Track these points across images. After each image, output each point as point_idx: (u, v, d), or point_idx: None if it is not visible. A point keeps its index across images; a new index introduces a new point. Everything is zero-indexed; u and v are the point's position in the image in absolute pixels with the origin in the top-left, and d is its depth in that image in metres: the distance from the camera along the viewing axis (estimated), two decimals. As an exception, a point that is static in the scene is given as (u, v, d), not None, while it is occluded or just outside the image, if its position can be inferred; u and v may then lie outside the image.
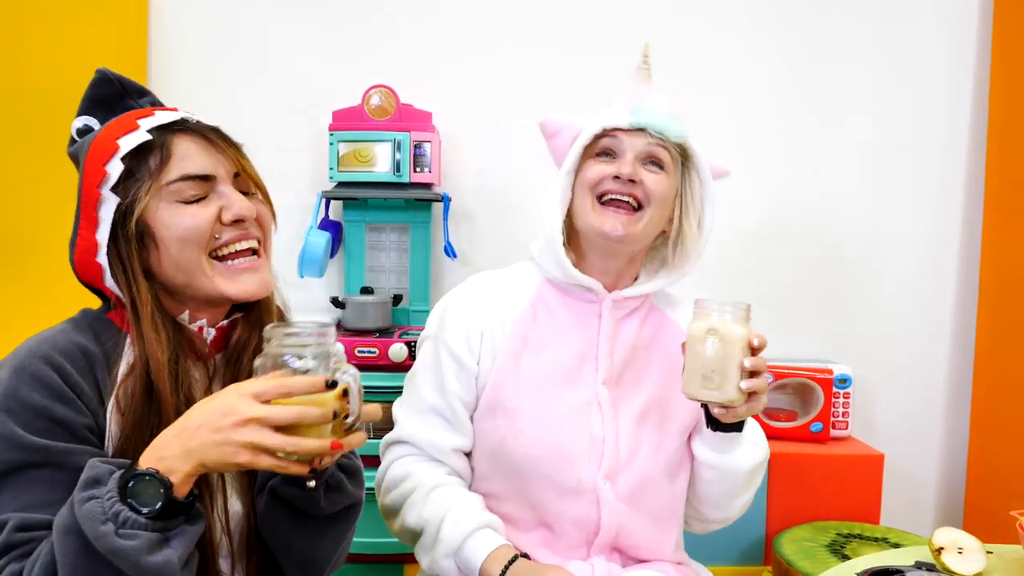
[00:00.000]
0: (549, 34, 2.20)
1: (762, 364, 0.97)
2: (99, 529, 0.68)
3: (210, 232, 0.86)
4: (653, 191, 1.10)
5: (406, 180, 2.03)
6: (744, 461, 1.11)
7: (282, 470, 0.73)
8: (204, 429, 0.72)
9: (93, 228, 0.86)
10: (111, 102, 0.94)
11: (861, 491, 1.91)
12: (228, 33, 2.21)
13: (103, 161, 0.86)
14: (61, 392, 0.79)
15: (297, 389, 0.73)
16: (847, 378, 2.03)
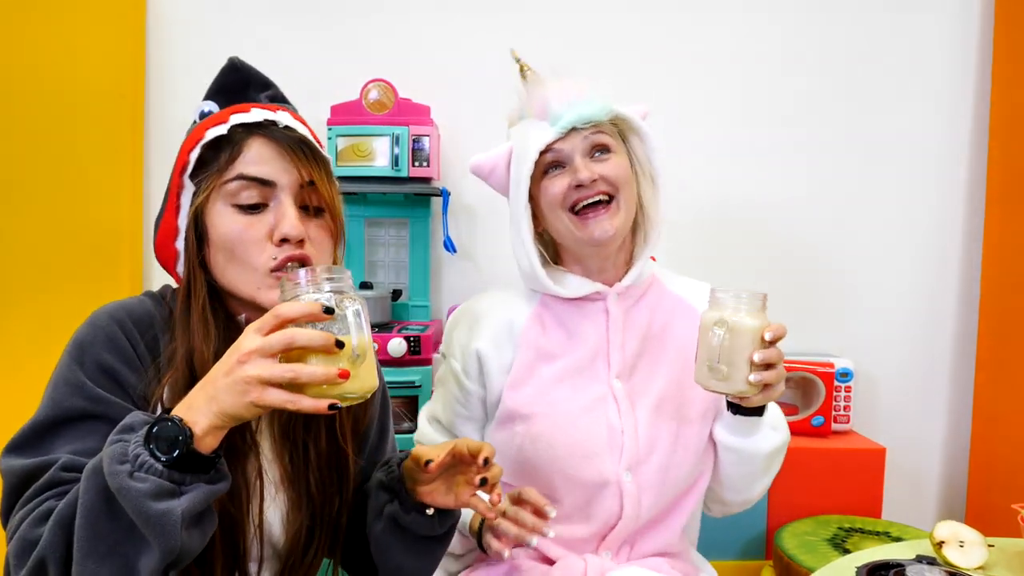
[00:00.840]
0: (549, 28, 2.19)
1: (774, 356, 0.95)
2: (114, 467, 0.68)
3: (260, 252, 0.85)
4: (615, 176, 1.12)
5: (405, 175, 2.01)
6: (763, 445, 1.12)
7: (293, 406, 0.69)
8: (219, 373, 0.71)
9: (175, 213, 0.89)
10: (234, 90, 0.94)
11: (863, 485, 1.91)
12: (225, 28, 2.19)
13: (189, 148, 0.88)
14: (129, 357, 0.83)
15: (291, 313, 0.70)
16: (848, 372, 2.02)
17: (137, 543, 0.69)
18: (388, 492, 0.96)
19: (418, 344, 1.91)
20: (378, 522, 0.96)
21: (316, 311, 0.70)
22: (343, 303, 0.72)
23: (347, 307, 0.72)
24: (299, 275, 0.73)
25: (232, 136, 0.86)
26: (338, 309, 0.71)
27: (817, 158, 2.22)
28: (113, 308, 0.86)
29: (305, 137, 0.90)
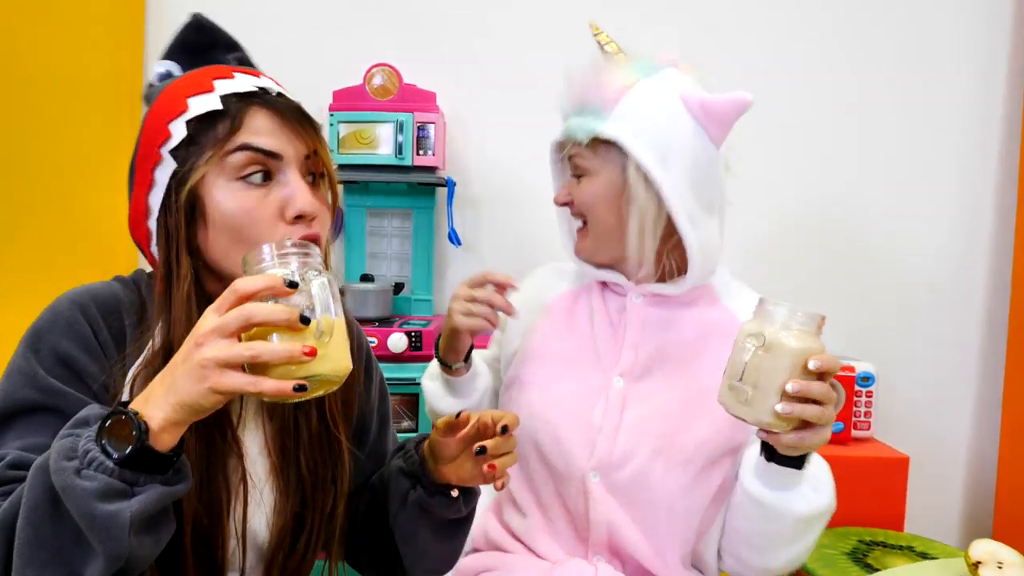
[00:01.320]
0: (560, 10, 2.11)
1: (817, 391, 0.79)
2: (61, 464, 0.62)
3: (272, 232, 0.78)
4: (582, 201, 1.08)
5: (408, 163, 1.94)
6: (797, 505, 0.94)
7: (254, 388, 0.62)
8: (178, 360, 0.64)
9: (146, 189, 0.80)
10: (198, 51, 0.88)
11: (884, 496, 1.82)
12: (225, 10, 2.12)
13: (168, 119, 0.79)
14: (89, 345, 0.77)
15: (250, 287, 0.63)
16: (870, 376, 1.92)
17: (84, 549, 0.63)
18: (409, 478, 0.91)
19: (419, 340, 1.83)
20: (402, 511, 0.92)
21: (277, 284, 0.63)
22: (307, 275, 0.66)
23: (311, 279, 0.66)
24: (263, 250, 0.67)
25: (226, 106, 0.78)
26: (302, 283, 0.65)
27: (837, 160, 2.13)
28: (76, 293, 0.80)
29: (300, 105, 0.83)
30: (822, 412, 0.80)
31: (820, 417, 0.80)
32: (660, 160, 1.01)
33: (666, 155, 1.01)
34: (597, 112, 1.04)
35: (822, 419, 0.81)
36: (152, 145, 0.79)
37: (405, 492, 0.91)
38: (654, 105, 1.03)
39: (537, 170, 2.14)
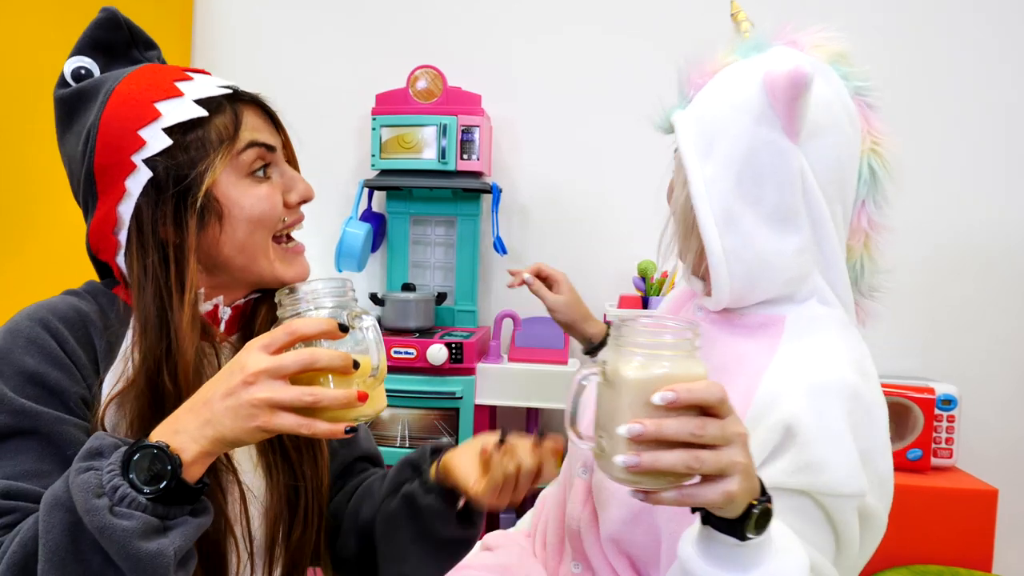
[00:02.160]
0: (614, 10, 2.01)
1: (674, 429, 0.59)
2: (91, 502, 0.60)
3: (279, 219, 0.82)
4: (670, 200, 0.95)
5: (452, 168, 1.87)
6: None
7: (308, 430, 0.63)
8: (217, 395, 0.63)
9: (116, 199, 0.77)
10: (115, 49, 0.85)
11: (969, 531, 1.65)
12: (269, 14, 2.11)
13: (137, 126, 0.76)
14: (56, 357, 0.73)
15: (306, 329, 0.65)
16: (952, 399, 1.76)
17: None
18: (412, 468, 0.88)
19: (460, 352, 1.75)
20: (392, 499, 0.88)
21: (332, 328, 0.65)
22: (361, 320, 0.69)
23: (365, 324, 0.69)
24: (300, 290, 0.70)
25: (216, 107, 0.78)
26: (353, 326, 0.68)
27: (940, 171, 1.96)
28: (31, 309, 0.76)
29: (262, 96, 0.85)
30: (692, 458, 0.58)
31: (692, 466, 0.59)
32: (704, 149, 0.85)
33: (712, 143, 0.85)
34: (683, 99, 0.91)
35: (699, 467, 0.59)
36: (120, 152, 0.76)
37: (402, 481, 0.88)
38: (730, 87, 0.86)
39: (587, 176, 2.07)
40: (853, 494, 0.74)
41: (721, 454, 0.59)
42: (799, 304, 0.87)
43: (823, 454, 0.73)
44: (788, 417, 0.74)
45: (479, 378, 1.77)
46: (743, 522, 0.62)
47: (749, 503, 0.62)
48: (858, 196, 0.88)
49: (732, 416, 0.61)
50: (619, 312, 1.82)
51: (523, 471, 0.77)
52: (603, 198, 2.06)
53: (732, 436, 0.60)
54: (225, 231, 0.78)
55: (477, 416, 1.77)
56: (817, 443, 0.74)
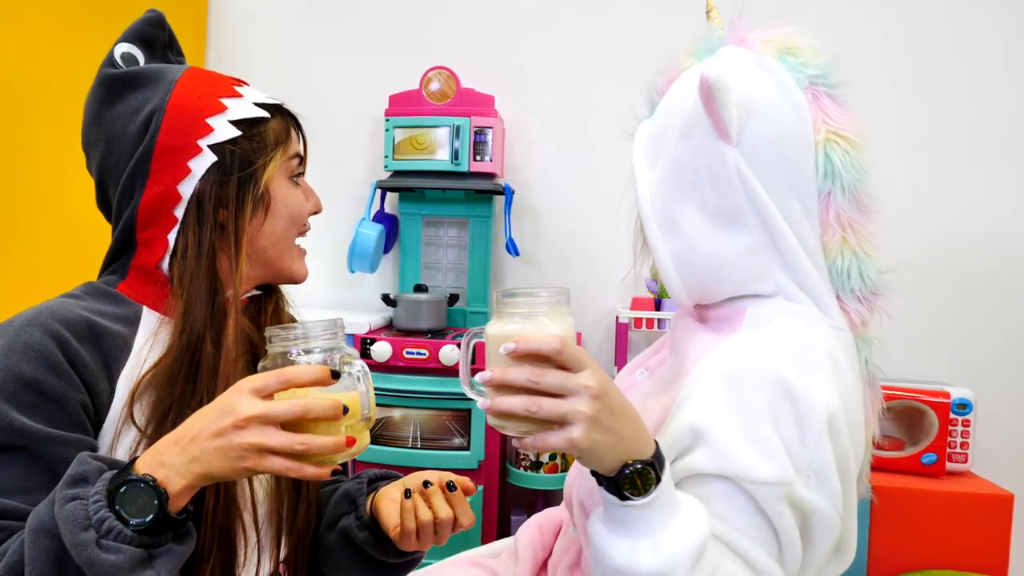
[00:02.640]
0: (623, 10, 2.01)
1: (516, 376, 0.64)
2: (78, 536, 0.61)
3: (306, 219, 0.92)
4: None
5: (465, 169, 1.87)
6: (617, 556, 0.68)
7: (296, 473, 0.65)
8: (205, 434, 0.64)
9: (179, 179, 0.82)
10: (155, 47, 0.92)
11: (985, 537, 1.63)
12: (283, 15, 2.12)
13: (206, 115, 0.83)
14: (55, 363, 0.72)
15: (299, 378, 0.66)
16: (967, 403, 1.74)
17: None
18: (349, 502, 0.91)
19: (474, 353, 1.75)
20: (330, 532, 0.92)
21: (325, 376, 0.66)
22: (351, 365, 0.70)
23: (355, 369, 0.70)
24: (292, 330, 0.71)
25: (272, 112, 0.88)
26: (343, 371, 0.69)
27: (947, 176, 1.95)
28: (30, 314, 0.75)
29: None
30: (529, 402, 0.64)
31: (530, 408, 0.64)
32: (652, 156, 0.89)
33: (659, 151, 0.87)
34: (651, 108, 0.94)
35: (536, 411, 0.64)
36: (188, 136, 0.82)
37: (340, 515, 0.91)
38: (677, 92, 0.88)
39: (600, 178, 2.07)
40: (771, 481, 0.72)
41: (562, 403, 0.64)
42: (764, 299, 0.86)
43: (735, 440, 0.73)
44: (692, 415, 0.75)
45: (491, 379, 1.77)
46: (618, 481, 0.66)
47: (624, 462, 0.66)
48: (821, 189, 0.84)
49: (586, 371, 0.65)
50: (631, 314, 1.81)
51: (439, 521, 0.82)
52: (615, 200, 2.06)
53: (576, 387, 0.64)
54: (268, 222, 0.86)
55: (489, 417, 1.77)
56: (728, 429, 0.74)
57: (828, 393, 0.76)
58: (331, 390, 0.67)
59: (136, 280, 0.83)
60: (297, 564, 0.91)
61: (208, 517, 0.78)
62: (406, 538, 0.83)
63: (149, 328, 0.80)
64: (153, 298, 0.82)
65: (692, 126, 0.83)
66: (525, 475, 1.85)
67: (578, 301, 2.00)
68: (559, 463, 1.86)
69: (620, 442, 0.66)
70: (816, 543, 0.76)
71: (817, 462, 0.75)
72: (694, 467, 0.74)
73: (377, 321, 1.90)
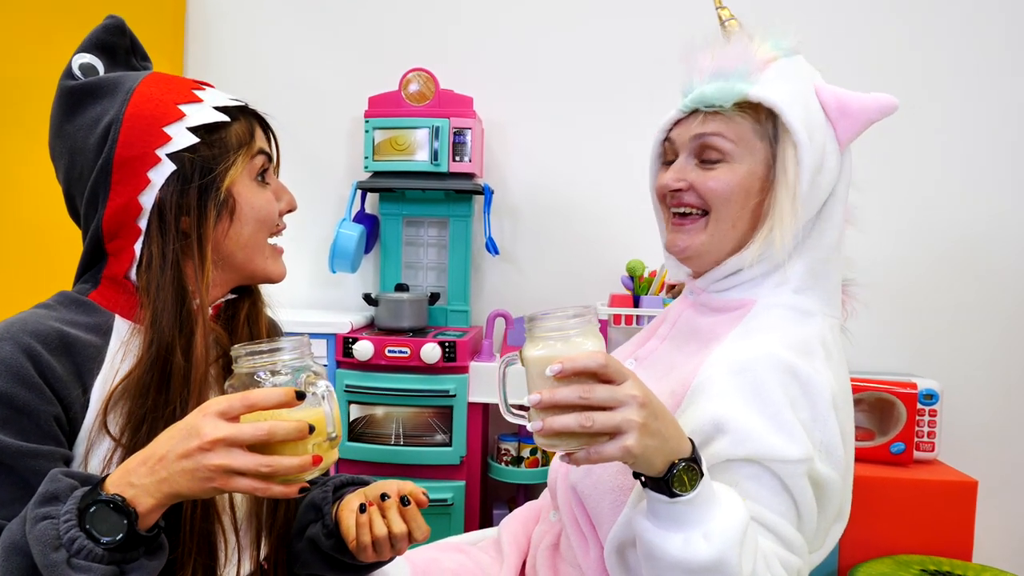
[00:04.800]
0: (602, 13, 2.04)
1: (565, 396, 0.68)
2: (50, 556, 0.62)
3: (276, 219, 0.90)
4: (710, 190, 0.92)
5: (445, 170, 1.90)
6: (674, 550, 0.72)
7: (264, 492, 0.66)
8: (172, 455, 0.65)
9: (138, 189, 0.81)
10: (117, 54, 0.91)
11: (950, 522, 1.68)
12: (262, 15, 2.12)
13: (163, 123, 0.82)
14: (26, 377, 0.73)
15: (264, 402, 0.66)
16: (934, 393, 1.80)
17: None
18: (315, 510, 0.91)
19: (453, 350, 1.78)
20: (299, 540, 0.93)
21: (290, 398, 0.67)
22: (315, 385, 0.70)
23: (319, 389, 0.70)
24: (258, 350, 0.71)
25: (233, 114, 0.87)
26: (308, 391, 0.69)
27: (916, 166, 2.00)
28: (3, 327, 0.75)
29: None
30: (583, 418, 0.67)
31: (584, 424, 0.67)
32: (807, 140, 0.89)
33: (811, 137, 0.89)
34: (743, 76, 0.90)
35: (591, 426, 0.67)
36: (146, 146, 0.81)
37: (307, 523, 0.92)
38: (797, 84, 0.91)
39: (578, 177, 2.10)
40: (798, 459, 0.79)
41: (613, 414, 0.68)
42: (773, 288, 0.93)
43: (760, 425, 0.80)
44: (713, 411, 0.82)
45: (472, 376, 1.80)
46: (666, 481, 0.71)
47: (672, 462, 0.71)
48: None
49: (628, 382, 0.70)
50: (610, 311, 1.85)
51: (393, 535, 0.83)
52: (593, 198, 2.10)
53: (624, 398, 0.68)
54: (234, 227, 0.85)
55: (470, 413, 1.80)
56: (751, 417, 0.80)
57: (826, 375, 0.84)
58: (297, 409, 0.68)
59: (108, 289, 0.83)
60: (278, 562, 0.92)
61: (187, 522, 0.79)
62: (362, 551, 0.84)
63: (121, 337, 0.80)
64: (125, 307, 0.82)
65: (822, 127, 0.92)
66: (506, 470, 1.89)
67: (556, 299, 2.04)
68: (539, 458, 1.89)
69: (666, 444, 0.70)
70: (826, 509, 0.84)
71: (827, 437, 0.83)
72: (721, 455, 0.80)
73: (359, 320, 1.92)
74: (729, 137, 0.91)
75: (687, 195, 0.94)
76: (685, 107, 0.94)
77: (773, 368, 0.83)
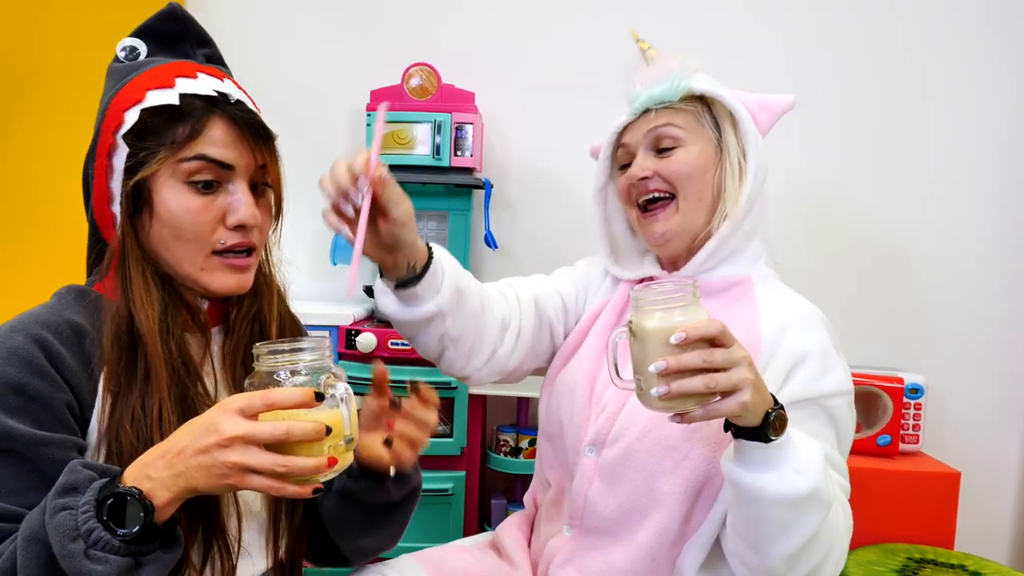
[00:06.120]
0: (603, 7, 2.07)
1: (691, 360, 0.76)
2: (68, 547, 0.64)
3: (211, 234, 0.83)
4: (672, 172, 1.06)
5: (446, 164, 1.92)
6: (772, 486, 0.82)
7: (278, 492, 0.68)
8: (190, 450, 0.67)
9: (106, 176, 0.82)
10: (166, 39, 0.90)
11: (934, 512, 1.75)
12: (263, 8, 2.13)
13: (124, 107, 0.81)
14: (38, 366, 0.74)
15: (283, 401, 0.68)
16: (919, 387, 1.86)
17: None
18: None
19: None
20: (328, 499, 0.95)
21: (309, 399, 0.68)
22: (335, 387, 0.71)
23: (339, 391, 0.71)
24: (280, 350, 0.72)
25: (187, 109, 0.81)
26: (327, 393, 0.70)
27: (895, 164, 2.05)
28: (14, 321, 0.78)
29: (260, 119, 0.87)
30: (708, 379, 0.76)
31: (709, 385, 0.76)
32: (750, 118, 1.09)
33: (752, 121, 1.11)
34: (684, 76, 1.07)
35: (715, 386, 0.76)
36: (108, 131, 0.81)
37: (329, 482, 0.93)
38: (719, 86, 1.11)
39: (576, 172, 2.12)
40: (849, 391, 0.97)
41: (731, 374, 0.77)
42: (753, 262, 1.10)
43: (824, 367, 0.96)
44: (793, 347, 0.97)
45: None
46: (764, 429, 0.81)
47: (765, 412, 0.80)
48: None
49: (736, 345, 0.79)
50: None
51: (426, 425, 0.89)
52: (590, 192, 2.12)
53: (737, 359, 0.78)
54: (154, 226, 0.82)
55: (471, 405, 1.83)
56: (818, 360, 0.96)
57: None
58: (315, 411, 0.69)
59: (110, 279, 0.84)
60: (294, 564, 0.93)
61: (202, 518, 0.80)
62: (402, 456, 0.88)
63: None
64: None
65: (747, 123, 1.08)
66: (505, 460, 1.92)
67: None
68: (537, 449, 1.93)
69: (763, 395, 0.80)
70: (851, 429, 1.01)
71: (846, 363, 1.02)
72: (793, 395, 0.94)
73: (360, 313, 1.94)
74: (679, 125, 1.06)
75: (652, 181, 1.07)
76: (636, 109, 1.10)
77: (818, 319, 1.01)
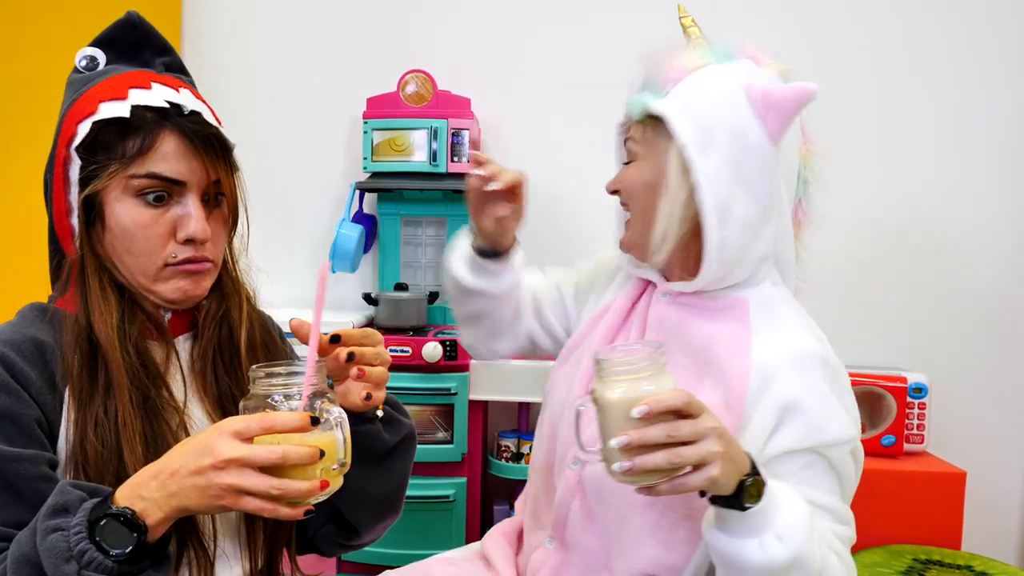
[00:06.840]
0: (596, 13, 2.07)
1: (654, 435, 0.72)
2: (61, 568, 0.64)
3: (162, 248, 0.82)
4: (624, 186, 1.02)
5: (443, 170, 1.92)
6: (754, 555, 0.78)
7: (271, 514, 0.68)
8: (184, 471, 0.66)
9: (64, 188, 0.82)
10: (125, 48, 0.89)
11: (940, 512, 1.73)
12: (260, 16, 2.13)
13: (78, 119, 0.80)
14: (4, 383, 0.74)
15: (280, 425, 0.67)
16: (923, 387, 1.85)
17: None
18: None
19: (454, 349, 1.80)
20: None
21: (306, 423, 0.68)
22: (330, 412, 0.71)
23: (333, 415, 0.71)
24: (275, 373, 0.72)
25: (138, 123, 0.79)
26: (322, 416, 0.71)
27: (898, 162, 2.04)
28: None
29: (214, 130, 0.84)
30: (672, 455, 0.72)
31: (674, 461, 0.72)
32: (701, 144, 0.93)
33: (708, 141, 0.93)
34: (656, 89, 0.97)
35: (680, 461, 0.72)
36: (63, 143, 0.81)
37: None
38: (712, 89, 0.95)
39: (573, 177, 2.12)
40: (849, 440, 0.89)
41: (699, 447, 0.73)
42: (755, 286, 0.99)
43: (819, 415, 0.87)
44: (782, 395, 0.88)
45: (473, 374, 1.82)
46: (738, 497, 0.76)
47: (740, 479, 0.75)
48: (796, 194, 1.03)
49: (705, 414, 0.74)
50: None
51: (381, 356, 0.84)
52: (588, 197, 2.11)
53: (705, 431, 0.73)
54: (106, 237, 0.81)
55: (471, 411, 1.83)
56: (812, 408, 0.87)
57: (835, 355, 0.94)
58: (309, 434, 0.69)
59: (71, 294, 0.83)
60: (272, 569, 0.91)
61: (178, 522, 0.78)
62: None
63: None
64: None
65: (756, 128, 0.94)
66: (506, 466, 1.92)
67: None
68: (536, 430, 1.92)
69: (735, 464, 0.75)
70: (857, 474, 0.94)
71: (853, 412, 0.93)
72: (786, 447, 0.87)
73: (359, 320, 1.94)
74: (637, 139, 1.01)
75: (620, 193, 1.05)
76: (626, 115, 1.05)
77: (816, 361, 0.91)
